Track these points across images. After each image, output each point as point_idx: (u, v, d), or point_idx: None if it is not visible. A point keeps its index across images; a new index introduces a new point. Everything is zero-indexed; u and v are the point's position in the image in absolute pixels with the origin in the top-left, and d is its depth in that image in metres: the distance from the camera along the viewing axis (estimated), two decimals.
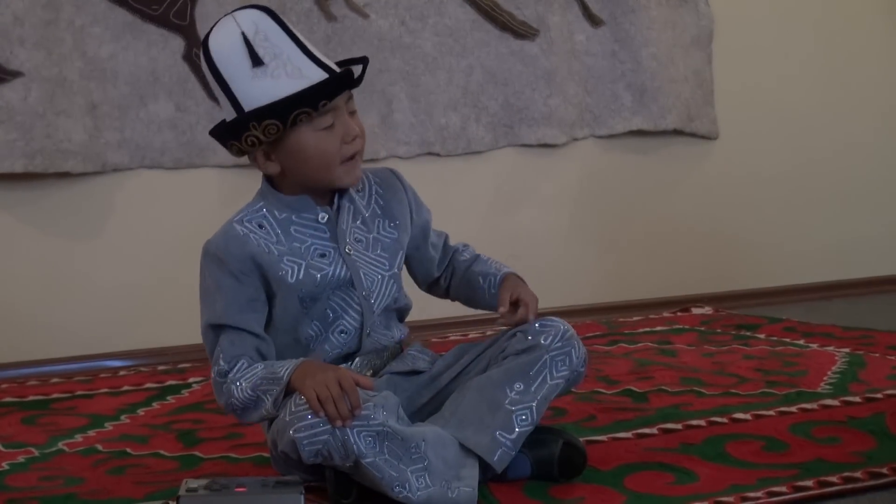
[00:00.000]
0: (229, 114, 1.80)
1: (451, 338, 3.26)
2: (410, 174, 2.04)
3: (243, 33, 1.77)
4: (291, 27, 1.82)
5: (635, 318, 3.52)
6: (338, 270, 1.85)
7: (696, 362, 2.79)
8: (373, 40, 3.35)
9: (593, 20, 3.69)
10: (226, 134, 1.82)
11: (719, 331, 3.26)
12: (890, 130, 4.20)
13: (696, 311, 3.63)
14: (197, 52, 3.11)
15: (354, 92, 1.87)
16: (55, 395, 2.64)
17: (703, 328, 3.32)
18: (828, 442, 2.01)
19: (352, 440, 1.66)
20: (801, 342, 3.03)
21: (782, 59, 4.01)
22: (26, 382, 2.80)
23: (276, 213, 1.86)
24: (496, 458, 1.76)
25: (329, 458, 1.69)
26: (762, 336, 3.15)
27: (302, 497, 1.64)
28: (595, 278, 3.71)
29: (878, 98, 4.17)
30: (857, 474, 1.82)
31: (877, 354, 2.80)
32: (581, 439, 1.91)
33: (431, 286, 2.03)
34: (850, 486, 1.78)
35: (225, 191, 3.19)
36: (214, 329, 1.84)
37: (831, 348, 2.91)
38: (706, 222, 3.89)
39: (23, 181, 2.96)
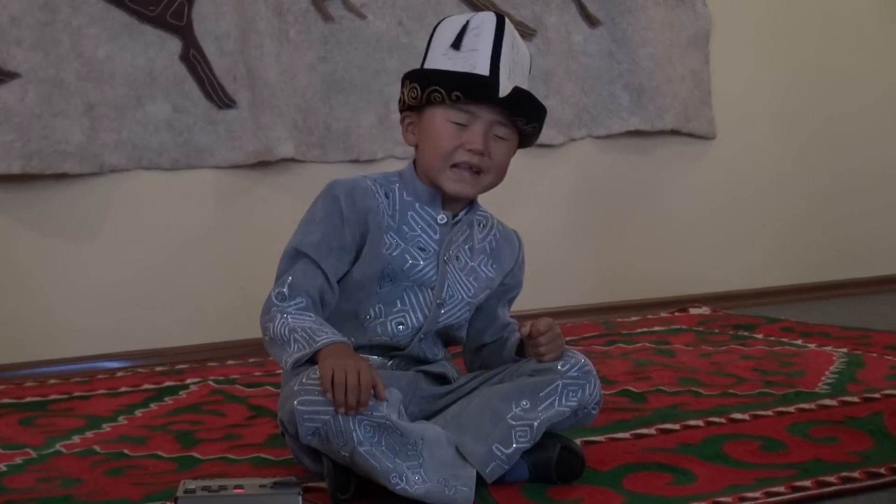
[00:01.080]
0: None
1: None
2: None
3: (468, 22, 1.87)
4: (508, 41, 1.87)
5: (633, 319, 3.52)
6: (428, 269, 1.89)
7: (694, 362, 2.79)
8: (370, 41, 3.35)
9: (591, 20, 3.69)
10: (401, 87, 1.92)
11: (717, 331, 3.26)
12: (887, 130, 4.20)
13: (693, 311, 3.63)
14: (194, 53, 3.11)
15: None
16: (53, 397, 2.63)
17: (700, 328, 3.32)
18: (826, 442, 2.01)
19: (352, 426, 1.67)
20: (799, 342, 3.03)
21: (779, 59, 4.01)
22: (24, 384, 2.80)
23: (405, 193, 1.91)
24: (489, 470, 1.75)
25: (326, 440, 1.70)
26: (760, 336, 3.15)
27: (300, 497, 1.64)
28: (593, 278, 3.71)
29: (876, 98, 4.18)
30: (855, 474, 1.82)
31: (874, 354, 2.80)
32: (579, 440, 1.91)
33: (471, 350, 2.02)
34: (848, 486, 1.78)
35: (222, 192, 3.19)
36: (298, 253, 1.86)
37: (829, 348, 2.91)
38: (703, 222, 3.90)
39: (20, 182, 2.96)
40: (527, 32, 3.54)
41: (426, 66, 1.88)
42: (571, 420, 1.84)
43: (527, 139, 1.93)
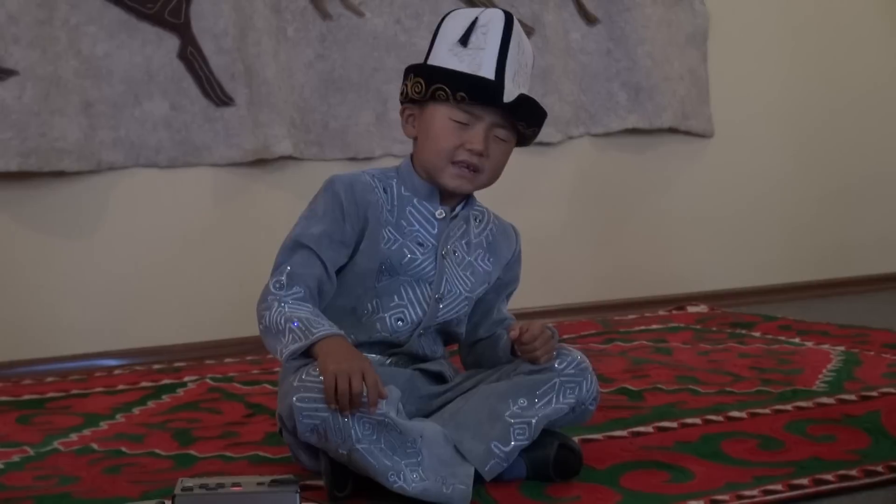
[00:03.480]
0: None
1: None
2: None
3: (476, 18, 1.87)
4: (516, 41, 1.88)
5: (631, 317, 3.52)
6: (426, 264, 1.89)
7: (692, 360, 2.79)
8: (368, 39, 3.35)
9: (588, 18, 3.69)
10: (404, 76, 1.92)
11: (714, 329, 3.26)
12: (885, 129, 4.21)
13: (691, 309, 3.63)
14: (192, 51, 3.11)
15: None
16: (50, 394, 2.63)
17: (698, 326, 3.32)
18: (823, 440, 2.01)
19: (350, 424, 1.68)
20: (797, 340, 3.03)
21: (778, 57, 4.02)
22: (21, 381, 2.80)
23: (403, 189, 1.92)
24: (487, 468, 1.76)
25: (324, 437, 1.70)
26: (757, 334, 3.16)
27: (297, 496, 1.64)
28: (590, 276, 3.71)
29: (873, 96, 4.18)
30: (853, 472, 1.82)
31: (872, 352, 2.80)
32: (576, 438, 1.91)
33: (466, 344, 2.02)
34: (845, 484, 1.78)
35: (220, 190, 3.19)
36: (297, 245, 1.86)
37: (826, 346, 2.91)
38: (701, 220, 3.90)
39: (17, 180, 2.96)
40: (524, 30, 3.54)
41: (431, 60, 1.89)
42: (569, 417, 1.85)
43: (525, 140, 1.95)
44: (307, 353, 1.75)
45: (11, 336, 2.97)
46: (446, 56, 1.86)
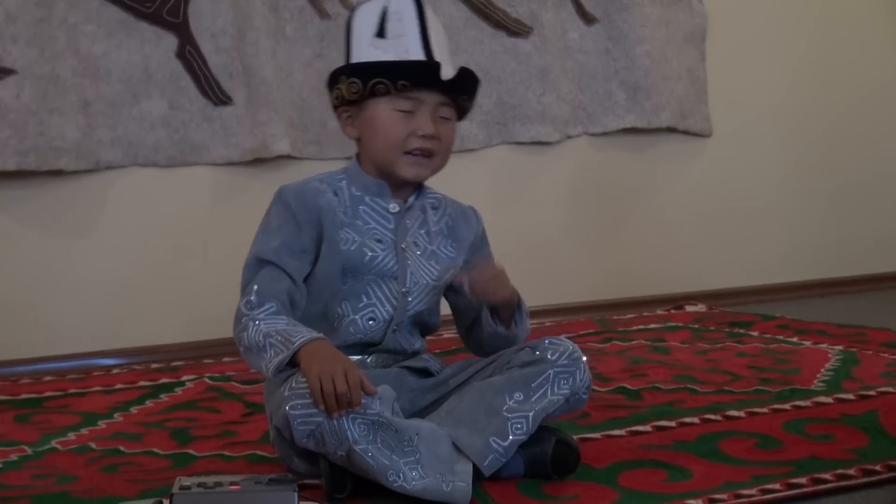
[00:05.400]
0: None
1: (445, 336, 3.25)
2: None
3: (385, 8, 1.87)
4: (431, 21, 1.87)
5: (629, 316, 3.52)
6: (388, 259, 1.89)
7: (690, 360, 2.79)
8: None
9: (587, 18, 3.69)
10: (329, 84, 1.92)
11: (713, 328, 3.26)
12: (883, 128, 4.21)
13: (689, 308, 3.63)
14: (190, 50, 3.10)
15: None
16: (48, 394, 2.63)
17: (696, 326, 3.32)
18: (821, 439, 2.01)
19: (346, 426, 1.68)
20: (795, 339, 3.03)
21: (776, 56, 4.02)
22: (19, 380, 2.80)
23: (353, 189, 1.92)
24: (486, 463, 1.76)
25: (321, 441, 1.70)
26: (755, 333, 3.16)
27: (296, 495, 1.64)
28: (589, 276, 3.71)
29: (872, 97, 4.18)
30: (851, 471, 1.82)
31: (870, 352, 2.80)
32: (575, 437, 1.91)
33: (463, 331, 2.03)
34: (843, 483, 1.78)
35: (218, 189, 3.19)
36: (259, 262, 1.87)
37: (824, 346, 2.91)
38: (699, 220, 3.90)
39: (15, 179, 2.96)
40: (523, 30, 3.54)
41: (354, 59, 1.88)
42: (564, 407, 1.85)
43: (464, 113, 1.94)
44: (292, 363, 1.75)
45: (9, 335, 2.97)
46: (368, 51, 1.86)
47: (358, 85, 1.85)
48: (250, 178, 3.22)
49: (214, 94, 3.13)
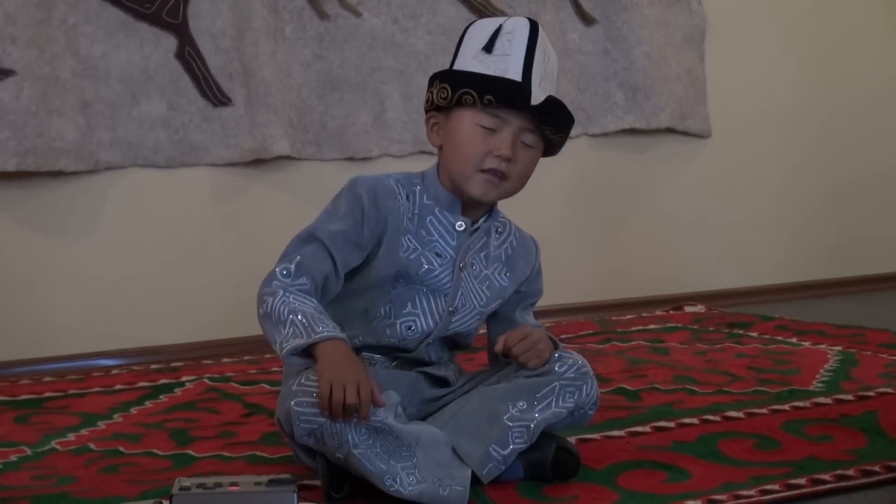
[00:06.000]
0: None
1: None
2: None
3: (501, 26, 1.85)
4: (542, 47, 1.85)
5: (628, 317, 3.52)
6: (443, 275, 1.88)
7: (689, 360, 2.80)
8: (365, 39, 3.35)
9: (586, 19, 3.69)
10: (428, 85, 1.90)
11: (712, 329, 3.27)
12: (882, 129, 4.21)
13: (688, 309, 3.63)
14: (190, 51, 3.10)
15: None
16: (48, 394, 2.63)
17: (695, 326, 3.32)
18: (820, 440, 2.01)
19: (347, 430, 1.68)
20: (794, 340, 3.03)
21: (775, 57, 4.02)
22: (18, 381, 2.80)
23: (425, 197, 1.89)
24: (486, 471, 1.76)
25: (321, 441, 1.70)
26: (755, 334, 3.16)
27: (295, 495, 1.64)
28: (588, 276, 3.71)
29: (871, 96, 4.18)
30: (850, 472, 1.82)
31: (869, 352, 2.80)
32: (573, 438, 1.91)
33: (491, 354, 1.99)
34: (842, 483, 1.79)
35: (217, 190, 3.19)
36: (312, 238, 1.84)
37: (823, 346, 2.91)
38: (699, 220, 3.90)
39: (15, 180, 2.96)
40: None
41: (456, 67, 1.87)
42: (568, 420, 1.85)
43: (552, 148, 1.92)
44: (307, 352, 1.74)
45: (9, 336, 2.97)
46: (471, 63, 1.84)
47: (447, 91, 1.83)
48: (250, 178, 3.22)
49: (214, 94, 3.13)
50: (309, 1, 3.29)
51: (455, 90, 1.82)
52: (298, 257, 1.82)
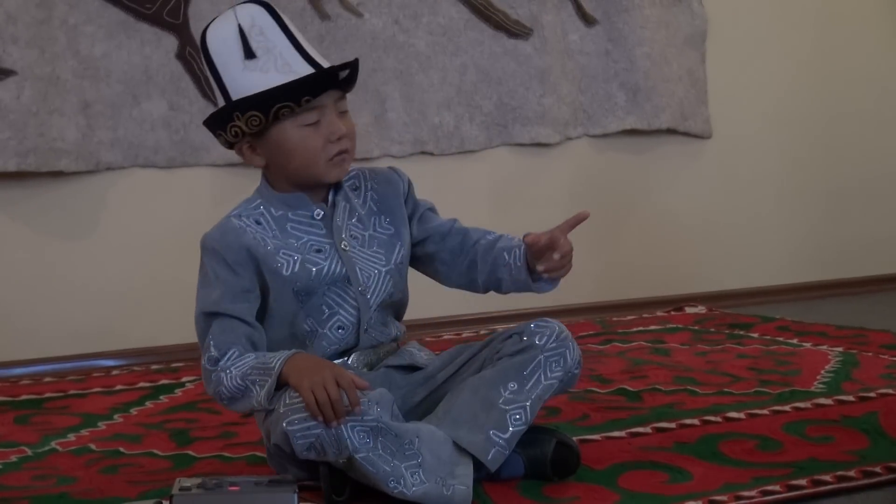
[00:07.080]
0: (220, 104, 1.84)
1: (445, 336, 3.26)
2: None
3: (240, 26, 1.80)
4: (289, 23, 1.84)
5: (629, 318, 3.52)
6: (333, 266, 1.86)
7: (690, 361, 2.79)
8: (366, 39, 3.35)
9: (587, 19, 3.69)
10: (214, 124, 1.85)
11: (713, 330, 3.26)
12: (883, 129, 4.21)
13: (689, 310, 3.63)
14: (191, 51, 3.10)
15: (352, 92, 1.88)
16: (48, 395, 2.63)
17: (696, 327, 3.32)
18: (821, 441, 2.01)
19: (346, 435, 1.67)
20: (795, 341, 3.03)
21: (776, 58, 4.01)
22: (19, 381, 2.80)
23: (273, 210, 1.88)
24: (490, 457, 1.76)
25: (322, 452, 1.70)
26: (756, 335, 3.15)
27: (295, 496, 1.64)
28: (589, 277, 3.70)
29: (872, 97, 4.17)
30: (851, 473, 1.82)
31: (870, 353, 2.80)
32: (575, 438, 1.91)
33: (462, 280, 1.96)
34: (843, 484, 1.78)
35: (218, 190, 3.19)
36: (207, 317, 1.85)
37: (825, 347, 2.91)
38: (700, 221, 3.90)
39: (15, 180, 2.96)
40: (523, 31, 3.54)
41: (235, 91, 1.80)
42: (559, 388, 1.85)
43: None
44: (279, 387, 1.73)
45: (9, 336, 2.97)
46: (247, 77, 1.79)
47: (260, 117, 1.79)
48: (250, 179, 3.19)
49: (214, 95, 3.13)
50: (310, 1, 3.29)
51: (268, 111, 1.79)
52: (212, 340, 1.82)
